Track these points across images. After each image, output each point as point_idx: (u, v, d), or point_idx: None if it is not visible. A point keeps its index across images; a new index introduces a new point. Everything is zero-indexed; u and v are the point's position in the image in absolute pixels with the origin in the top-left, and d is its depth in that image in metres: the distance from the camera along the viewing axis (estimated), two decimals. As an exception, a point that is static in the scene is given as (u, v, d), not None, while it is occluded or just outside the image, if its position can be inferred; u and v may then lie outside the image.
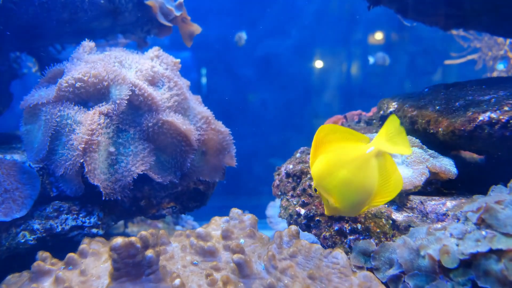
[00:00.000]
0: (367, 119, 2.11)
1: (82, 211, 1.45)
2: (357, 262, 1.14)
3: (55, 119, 1.39)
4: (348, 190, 1.04)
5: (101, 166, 1.39)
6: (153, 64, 1.64)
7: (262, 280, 1.05)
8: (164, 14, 2.15)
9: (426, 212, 1.19)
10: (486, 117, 1.18)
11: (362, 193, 1.03)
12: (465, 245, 0.93)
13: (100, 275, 1.13)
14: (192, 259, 1.16)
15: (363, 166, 1.01)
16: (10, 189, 1.34)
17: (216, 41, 4.51)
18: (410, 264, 0.99)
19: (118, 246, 0.93)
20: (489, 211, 0.94)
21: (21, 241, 1.34)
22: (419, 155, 1.29)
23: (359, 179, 1.02)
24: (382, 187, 1.01)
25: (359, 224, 1.24)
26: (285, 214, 1.55)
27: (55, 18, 1.76)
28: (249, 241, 1.21)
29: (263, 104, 5.14)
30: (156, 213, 1.65)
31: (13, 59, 2.35)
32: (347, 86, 5.06)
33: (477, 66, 3.78)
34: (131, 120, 1.49)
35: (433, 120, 1.35)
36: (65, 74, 1.47)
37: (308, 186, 1.49)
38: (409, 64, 4.94)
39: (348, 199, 1.06)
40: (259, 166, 4.54)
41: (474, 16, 1.84)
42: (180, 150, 1.56)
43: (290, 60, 5.12)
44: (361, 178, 1.01)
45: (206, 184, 1.78)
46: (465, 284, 0.90)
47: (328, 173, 1.07)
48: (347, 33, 5.10)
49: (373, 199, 1.02)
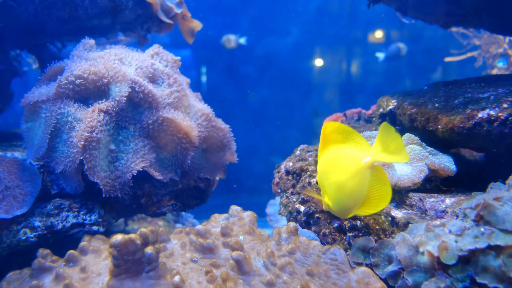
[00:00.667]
0: (367, 117, 2.11)
1: (83, 209, 1.45)
2: (356, 258, 1.15)
3: (55, 117, 1.39)
4: (340, 194, 1.07)
5: (101, 163, 1.39)
6: (153, 61, 1.64)
7: (261, 276, 1.05)
8: (165, 11, 2.15)
9: (425, 209, 1.20)
10: (485, 114, 1.18)
11: (351, 200, 1.05)
12: (463, 241, 0.93)
13: (101, 272, 1.14)
14: (191, 256, 1.16)
15: (357, 175, 1.02)
16: (11, 186, 1.34)
17: (216, 39, 4.50)
18: (409, 260, 1.00)
19: (118, 243, 0.94)
20: (487, 207, 0.94)
21: (22, 238, 1.35)
22: (418, 152, 1.30)
23: (351, 186, 1.03)
24: (370, 198, 1.03)
25: (358, 221, 1.24)
26: (285, 212, 1.56)
27: (56, 16, 1.76)
28: (248, 238, 1.22)
29: (263, 102, 5.15)
30: (157, 210, 1.65)
31: (13, 57, 2.35)
32: (346, 84, 5.06)
33: (477, 64, 3.79)
34: (131, 117, 1.50)
35: (433, 118, 1.35)
36: (65, 71, 1.47)
37: (307, 183, 1.50)
38: (409, 62, 4.94)
39: (339, 201, 1.08)
40: (259, 164, 4.54)
41: (474, 14, 1.84)
42: (181, 147, 1.56)
43: (290, 58, 5.12)
44: (353, 185, 1.03)
45: (207, 182, 1.79)
46: (463, 280, 0.90)
47: (326, 171, 1.10)
48: (347, 31, 5.09)
49: (360, 208, 1.04)
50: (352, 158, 1.04)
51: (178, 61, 1.77)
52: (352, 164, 1.03)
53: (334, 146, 1.09)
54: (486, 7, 1.75)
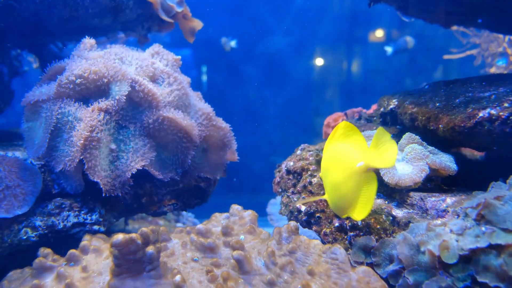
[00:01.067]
0: (368, 116, 2.11)
1: (84, 208, 1.45)
2: (357, 258, 1.15)
3: (55, 116, 1.39)
4: (335, 194, 1.08)
5: (102, 163, 1.40)
6: (154, 60, 1.64)
7: (262, 276, 1.05)
8: (165, 11, 2.15)
9: (426, 208, 1.20)
10: (486, 113, 1.18)
11: (345, 201, 1.06)
12: (464, 240, 0.93)
13: (102, 271, 1.14)
14: (192, 255, 1.16)
15: (351, 177, 1.03)
16: (12, 185, 1.34)
17: (217, 38, 4.50)
18: (410, 259, 1.00)
19: (119, 242, 0.94)
20: (488, 207, 0.94)
21: (23, 238, 1.35)
22: (419, 151, 1.30)
23: (345, 188, 1.04)
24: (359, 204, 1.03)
25: (359, 220, 1.24)
26: (286, 211, 1.56)
27: (56, 15, 1.76)
28: (249, 237, 1.22)
29: (263, 101, 5.15)
30: (158, 210, 1.66)
31: (14, 56, 2.35)
32: (347, 84, 5.06)
33: (476, 62, 3.79)
34: (131, 117, 1.50)
35: (433, 117, 1.35)
36: (66, 71, 1.47)
37: (308, 183, 1.50)
38: (410, 61, 4.94)
39: (334, 201, 1.10)
40: (259, 163, 4.54)
41: (475, 13, 1.84)
42: (181, 146, 1.56)
43: (291, 58, 5.12)
44: (347, 187, 1.04)
45: (207, 181, 1.79)
46: (464, 280, 0.90)
47: (326, 169, 1.11)
48: (348, 30, 5.09)
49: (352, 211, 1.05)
50: (349, 160, 1.04)
51: (178, 60, 1.77)
52: (347, 166, 1.04)
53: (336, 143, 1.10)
54: (486, 6, 1.75)
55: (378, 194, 1.31)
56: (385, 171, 1.26)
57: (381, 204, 1.26)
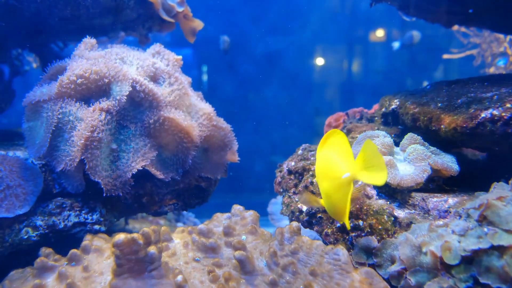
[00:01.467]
0: (369, 116, 2.11)
1: (85, 208, 1.45)
2: (359, 258, 1.15)
3: (56, 116, 1.39)
4: (328, 200, 1.11)
5: (103, 163, 1.39)
6: (155, 60, 1.64)
7: (264, 276, 1.05)
8: (166, 10, 2.15)
9: (428, 209, 1.20)
10: (488, 114, 1.18)
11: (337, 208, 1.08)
12: (467, 241, 0.93)
13: (103, 271, 1.14)
14: (194, 255, 1.16)
15: (339, 189, 1.05)
16: (13, 185, 1.34)
17: (217, 38, 4.50)
18: (412, 260, 0.99)
19: (120, 242, 0.94)
20: (490, 208, 0.94)
21: (24, 238, 1.35)
22: (421, 152, 1.29)
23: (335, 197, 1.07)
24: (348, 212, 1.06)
25: (361, 221, 1.24)
26: (287, 211, 1.55)
27: (57, 15, 1.76)
28: (251, 238, 1.22)
29: (264, 101, 5.15)
30: (158, 209, 1.66)
31: (15, 56, 2.35)
32: (348, 83, 5.06)
33: (476, 62, 3.79)
34: (132, 117, 1.50)
35: (435, 117, 1.35)
36: (67, 71, 1.47)
37: (309, 183, 1.49)
38: (411, 61, 4.93)
39: (328, 207, 1.13)
40: (260, 163, 4.55)
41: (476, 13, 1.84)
42: (182, 146, 1.56)
43: (292, 58, 5.12)
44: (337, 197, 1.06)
45: (208, 181, 1.79)
46: (466, 281, 0.90)
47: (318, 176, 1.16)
48: (349, 30, 5.09)
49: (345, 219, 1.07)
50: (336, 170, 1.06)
51: (179, 60, 1.76)
52: (335, 177, 1.06)
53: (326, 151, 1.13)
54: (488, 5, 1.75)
55: (380, 195, 1.30)
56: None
57: (383, 205, 1.26)
